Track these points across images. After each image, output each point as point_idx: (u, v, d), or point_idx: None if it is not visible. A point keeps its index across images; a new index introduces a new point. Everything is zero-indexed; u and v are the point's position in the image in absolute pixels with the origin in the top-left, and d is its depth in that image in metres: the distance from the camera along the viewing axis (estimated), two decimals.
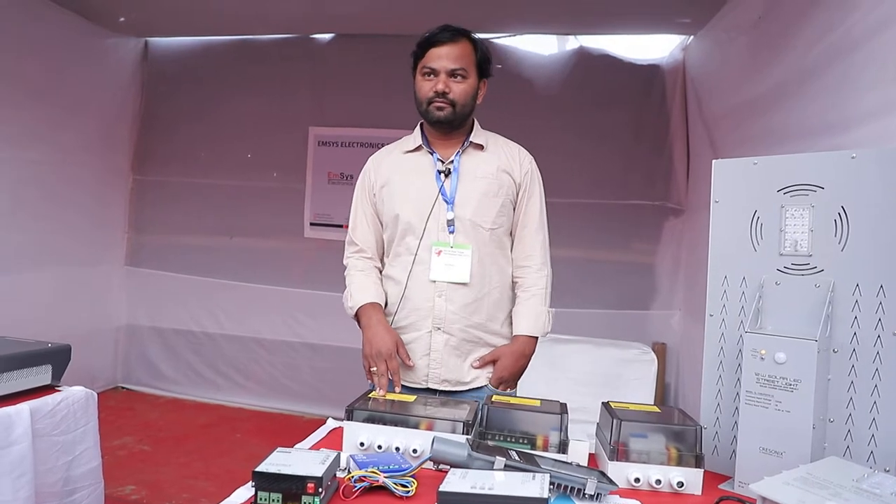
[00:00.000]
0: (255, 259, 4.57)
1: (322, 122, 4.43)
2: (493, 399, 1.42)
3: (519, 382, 1.92)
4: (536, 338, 1.89)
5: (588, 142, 3.97)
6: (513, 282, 1.93)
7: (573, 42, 4.12)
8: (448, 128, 1.86)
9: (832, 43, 1.95)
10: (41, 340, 1.65)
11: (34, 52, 3.81)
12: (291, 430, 1.57)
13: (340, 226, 4.35)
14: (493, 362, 1.85)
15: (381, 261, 1.96)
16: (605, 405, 1.42)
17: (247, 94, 4.49)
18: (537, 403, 1.42)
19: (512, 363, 1.85)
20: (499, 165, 1.89)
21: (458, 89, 1.81)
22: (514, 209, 1.91)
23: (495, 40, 4.08)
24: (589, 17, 3.82)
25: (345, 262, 1.97)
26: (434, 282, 1.82)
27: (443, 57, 1.80)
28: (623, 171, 4.02)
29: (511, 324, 1.91)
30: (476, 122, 1.94)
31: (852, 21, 1.84)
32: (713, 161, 1.45)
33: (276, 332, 4.53)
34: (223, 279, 4.60)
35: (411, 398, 1.50)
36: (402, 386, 1.78)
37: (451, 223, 1.83)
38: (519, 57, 4.16)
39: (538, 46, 4.16)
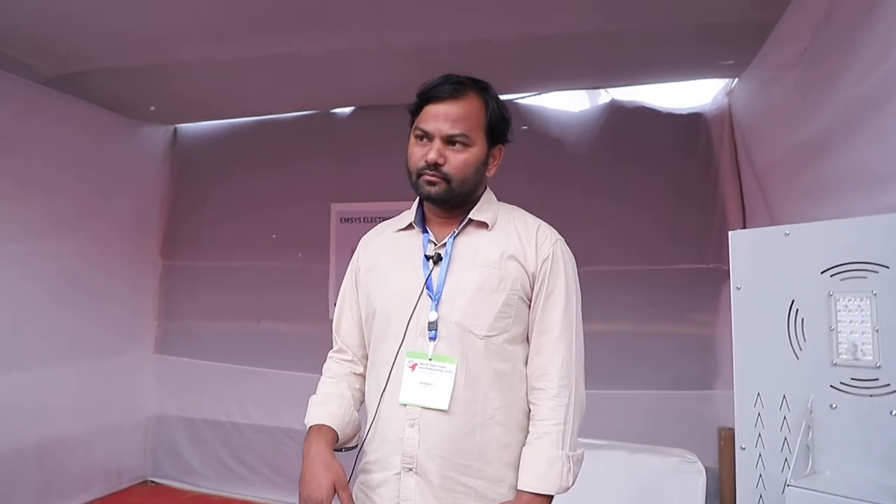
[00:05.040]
0: (282, 344, 4.32)
1: (344, 198, 4.25)
2: None
3: None
4: (550, 496, 1.35)
5: (626, 203, 3.59)
6: (529, 409, 1.43)
7: (605, 96, 3.81)
8: (444, 205, 1.48)
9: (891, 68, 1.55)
10: None
11: (64, 145, 3.83)
12: None
13: None
14: None
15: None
16: None
17: (270, 174, 4.38)
18: None
19: None
20: (504, 250, 1.43)
21: (456, 161, 1.41)
22: (528, 308, 1.44)
23: (519, 101, 3.83)
24: (620, 67, 3.50)
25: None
26: (405, 405, 1.38)
27: (440, 117, 1.40)
28: (668, 232, 3.58)
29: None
30: (487, 195, 1.53)
31: None
32: (729, 232, 1.08)
33: (304, 423, 4.23)
34: (251, 366, 4.37)
35: None
36: None
37: (432, 326, 1.39)
38: (546, 116, 3.87)
39: (567, 104, 3.88)
